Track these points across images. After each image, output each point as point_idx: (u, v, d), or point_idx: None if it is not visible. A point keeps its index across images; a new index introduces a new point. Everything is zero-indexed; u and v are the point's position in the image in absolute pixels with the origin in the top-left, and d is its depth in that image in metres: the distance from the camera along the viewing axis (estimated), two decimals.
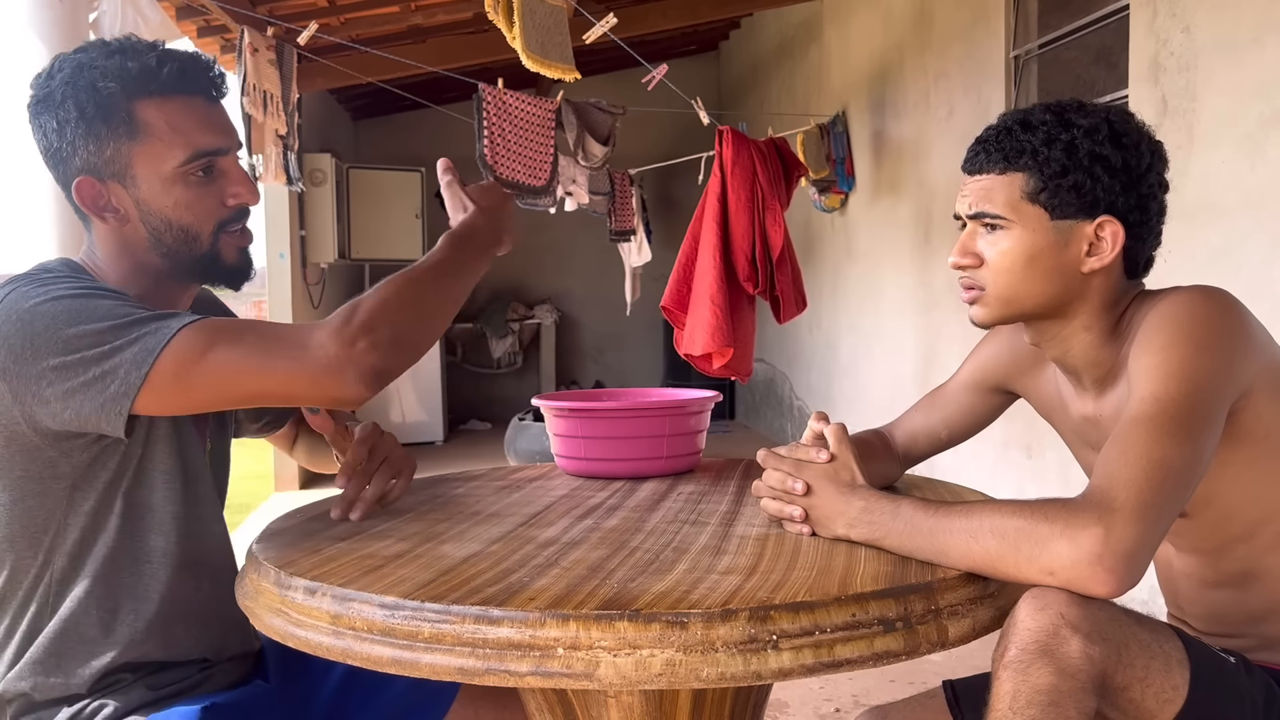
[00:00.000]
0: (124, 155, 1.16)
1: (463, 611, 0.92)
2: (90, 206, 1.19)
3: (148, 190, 1.17)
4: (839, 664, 0.91)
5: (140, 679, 1.22)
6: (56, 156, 1.18)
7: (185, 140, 1.17)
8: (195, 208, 1.19)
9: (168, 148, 1.16)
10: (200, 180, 1.19)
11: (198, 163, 1.18)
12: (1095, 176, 1.18)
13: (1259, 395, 1.15)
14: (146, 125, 1.16)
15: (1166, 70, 2.98)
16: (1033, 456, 3.78)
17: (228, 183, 1.22)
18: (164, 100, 1.17)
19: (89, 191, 1.18)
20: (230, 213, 1.22)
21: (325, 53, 5.29)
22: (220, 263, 1.24)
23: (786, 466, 1.22)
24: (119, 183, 1.17)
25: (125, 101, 1.15)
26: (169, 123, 1.16)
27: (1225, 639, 1.20)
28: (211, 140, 1.19)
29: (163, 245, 1.20)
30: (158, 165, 1.17)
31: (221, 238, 1.22)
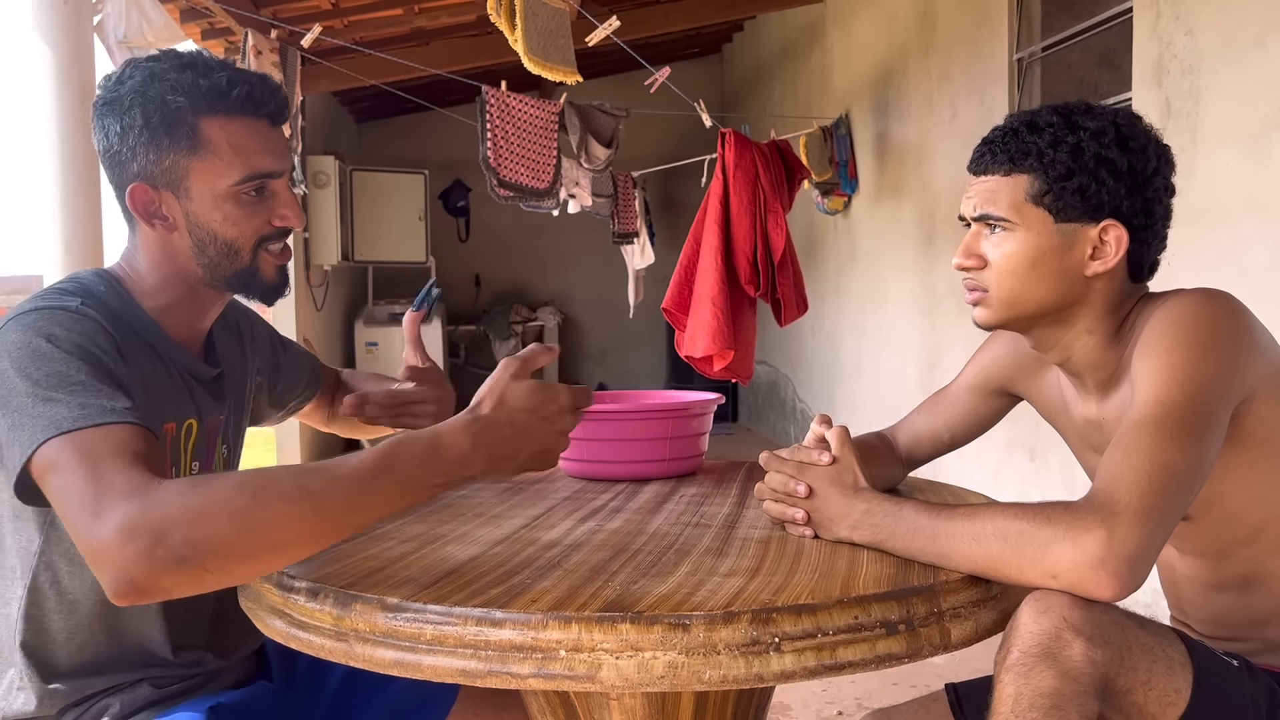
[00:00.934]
0: (182, 167, 1.18)
1: (465, 613, 0.92)
2: (141, 211, 1.21)
3: (199, 203, 1.20)
4: (841, 666, 0.91)
5: (145, 679, 1.23)
6: (115, 159, 1.20)
7: (243, 161, 1.19)
8: (241, 224, 1.21)
9: (226, 166, 1.19)
10: (251, 199, 1.22)
11: (251, 183, 1.21)
12: (1100, 180, 1.18)
13: (1262, 398, 1.15)
14: (208, 142, 1.18)
15: (1170, 73, 2.98)
16: (1036, 459, 3.78)
17: (276, 204, 1.24)
18: (228, 120, 1.19)
19: (142, 197, 1.20)
20: (272, 231, 1.25)
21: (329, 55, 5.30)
22: (258, 278, 1.26)
23: (789, 469, 1.21)
24: (172, 192, 1.20)
25: (191, 116, 1.17)
26: (230, 142, 1.18)
27: (1228, 642, 1.20)
28: (268, 163, 1.21)
29: (205, 256, 1.22)
30: (213, 181, 1.19)
31: (261, 254, 1.25)
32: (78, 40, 3.01)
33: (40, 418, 1.00)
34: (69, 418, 1.00)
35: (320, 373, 1.62)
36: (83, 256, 3.00)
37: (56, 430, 0.99)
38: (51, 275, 3.00)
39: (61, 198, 2.96)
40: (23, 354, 1.06)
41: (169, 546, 0.89)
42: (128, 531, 0.90)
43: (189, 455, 1.28)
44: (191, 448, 1.28)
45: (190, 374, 1.28)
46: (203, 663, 1.28)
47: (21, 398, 1.03)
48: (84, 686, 1.20)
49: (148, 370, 1.20)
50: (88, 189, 3.01)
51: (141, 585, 0.90)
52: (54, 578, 1.19)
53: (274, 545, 0.94)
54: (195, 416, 1.28)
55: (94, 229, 3.05)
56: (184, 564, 0.90)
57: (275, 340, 1.54)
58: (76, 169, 2.97)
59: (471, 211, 9.03)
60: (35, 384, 1.03)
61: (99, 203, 3.06)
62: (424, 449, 0.99)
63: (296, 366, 1.56)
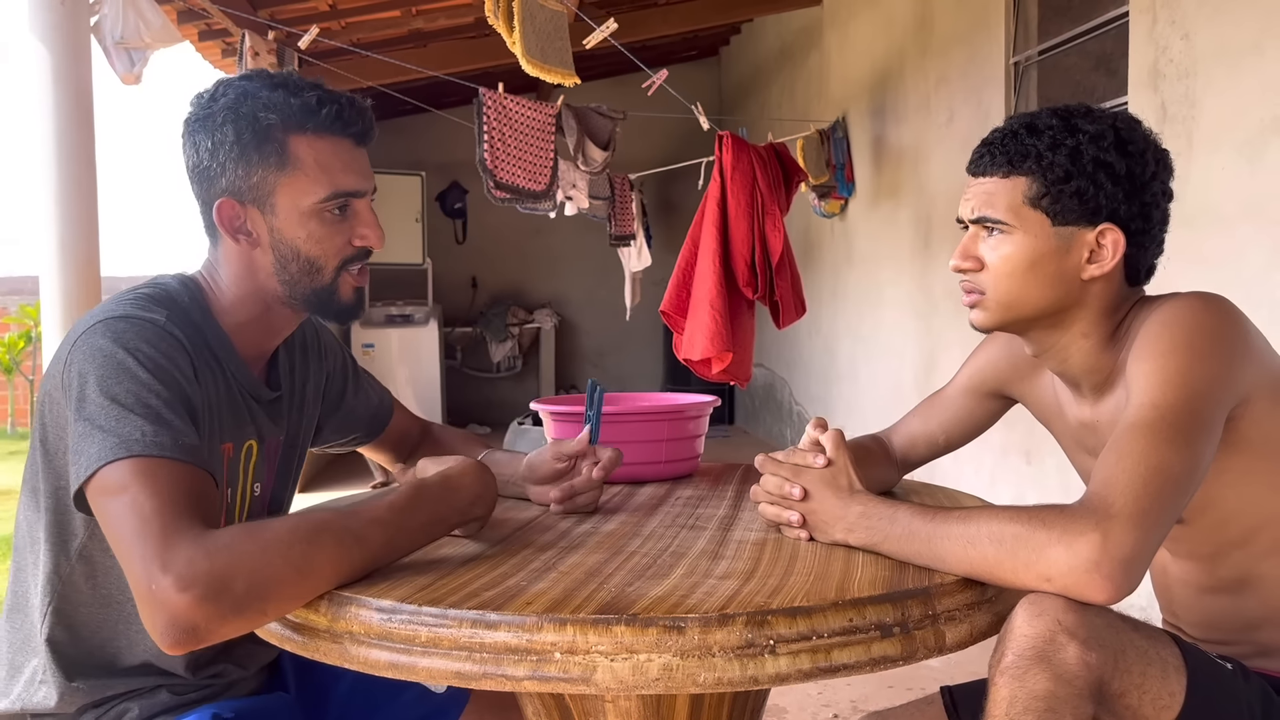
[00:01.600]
0: (269, 184, 1.20)
1: (460, 615, 0.92)
2: (226, 226, 1.23)
3: (284, 220, 1.21)
4: (836, 669, 0.91)
5: (164, 686, 1.24)
6: (205, 174, 1.22)
7: (329, 179, 1.21)
8: (325, 243, 1.23)
9: (312, 183, 1.20)
10: (334, 218, 1.23)
11: (335, 201, 1.22)
12: (1098, 183, 1.18)
13: (1257, 402, 1.15)
14: (296, 159, 1.20)
15: (1166, 77, 2.98)
16: (1032, 463, 3.78)
17: (358, 224, 1.25)
18: (317, 138, 1.20)
19: (228, 212, 1.22)
20: (355, 252, 1.26)
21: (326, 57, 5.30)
22: (336, 298, 1.27)
23: (784, 472, 1.22)
24: (258, 208, 1.22)
25: (281, 134, 1.19)
26: (317, 160, 1.20)
27: (1220, 646, 1.20)
28: (353, 182, 1.23)
29: (286, 273, 1.24)
30: (299, 198, 1.21)
31: (342, 275, 1.26)
32: (74, 41, 3.01)
33: (112, 434, 1.03)
34: (140, 441, 1.03)
35: (382, 425, 1.57)
36: (78, 258, 3.00)
37: (127, 451, 1.02)
38: (47, 276, 3.00)
39: (58, 198, 2.95)
40: (107, 365, 1.08)
41: (232, 595, 0.95)
42: (187, 579, 0.94)
43: (249, 477, 1.29)
44: (252, 469, 1.29)
45: (252, 394, 1.29)
46: (224, 673, 1.30)
47: (96, 409, 1.05)
48: (105, 687, 1.21)
49: (213, 390, 1.21)
50: (84, 190, 3.01)
51: (202, 633, 0.95)
52: (90, 572, 1.20)
53: (327, 582, 1.01)
54: (256, 438, 1.29)
55: (90, 230, 3.04)
56: (244, 611, 0.97)
57: (349, 372, 1.51)
58: (73, 170, 2.96)
59: (469, 213, 9.03)
60: (114, 399, 1.06)
61: (95, 204, 3.06)
62: (439, 489, 1.14)
63: (360, 409, 1.53)
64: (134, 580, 0.98)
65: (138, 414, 1.05)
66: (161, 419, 1.06)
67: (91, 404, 1.06)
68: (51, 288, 2.99)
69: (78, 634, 1.21)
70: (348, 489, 5.02)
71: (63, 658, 1.20)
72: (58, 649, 1.20)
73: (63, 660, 1.20)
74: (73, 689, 1.19)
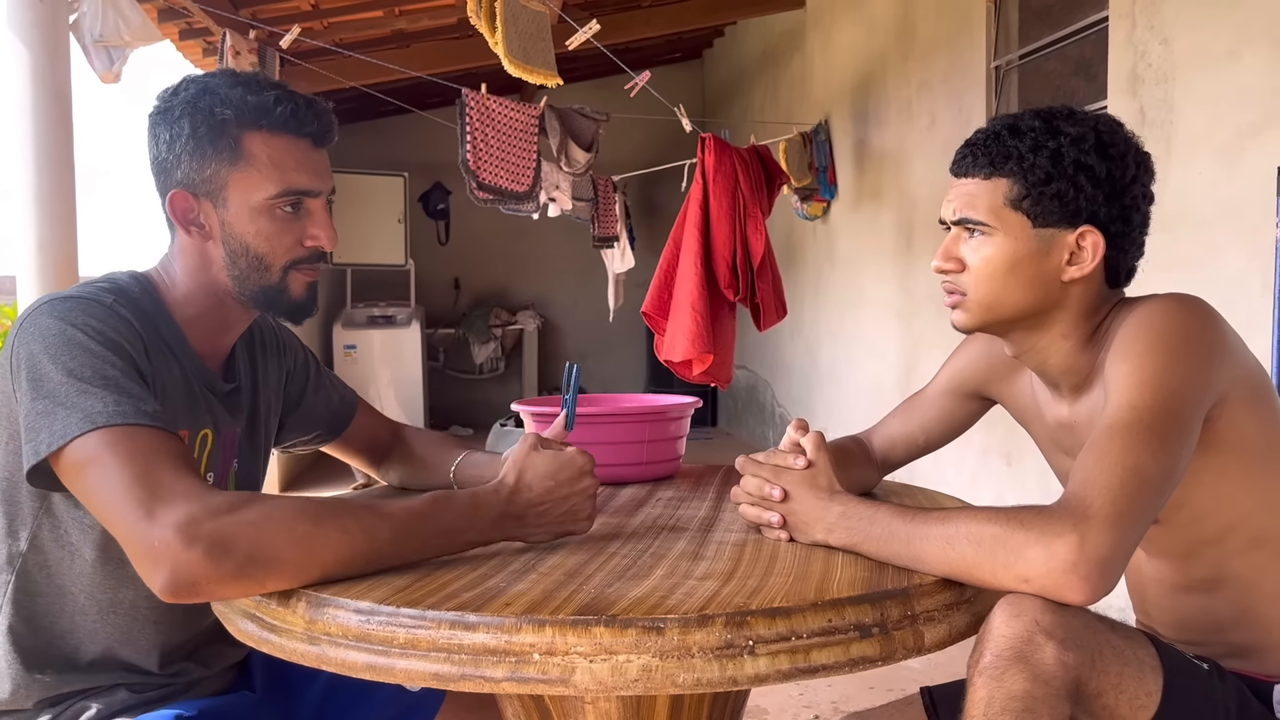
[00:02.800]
0: (221, 177, 1.21)
1: (438, 617, 0.92)
2: (179, 217, 1.24)
3: (235, 214, 1.22)
4: (815, 670, 0.91)
5: (124, 685, 1.22)
6: (162, 166, 1.23)
7: (281, 176, 1.22)
8: (274, 240, 1.24)
9: (263, 179, 1.21)
10: (286, 215, 1.24)
11: (287, 199, 1.23)
12: (1079, 186, 1.19)
13: (1233, 403, 1.16)
14: (249, 155, 1.21)
15: (1145, 82, 3.01)
16: (1013, 465, 3.80)
17: (310, 224, 1.26)
18: (271, 136, 1.21)
19: (181, 204, 1.23)
20: (305, 253, 1.26)
21: (308, 57, 5.28)
22: (286, 296, 1.27)
23: (764, 473, 1.22)
24: (211, 201, 1.23)
25: (235, 129, 1.20)
26: (270, 157, 1.21)
27: (1194, 646, 1.20)
28: (305, 181, 1.23)
29: (236, 268, 1.24)
30: (250, 193, 1.22)
31: (291, 273, 1.26)
32: (53, 39, 2.99)
33: (75, 409, 1.04)
34: (104, 412, 1.04)
35: (344, 424, 1.55)
36: (57, 258, 2.97)
37: (91, 424, 1.03)
38: (25, 277, 2.97)
39: (36, 199, 2.93)
40: (57, 341, 1.08)
41: (234, 557, 0.97)
42: (191, 534, 0.96)
43: (203, 466, 1.28)
44: (206, 458, 1.28)
45: (207, 385, 1.29)
46: (185, 672, 1.28)
47: (55, 385, 1.06)
48: (63, 682, 1.20)
49: (166, 375, 1.21)
50: (62, 190, 2.98)
51: (202, 588, 0.98)
52: (44, 563, 1.19)
53: (326, 568, 1.02)
54: (211, 427, 1.29)
55: (68, 230, 3.02)
56: (245, 576, 0.98)
57: (310, 370, 1.51)
58: (52, 170, 2.94)
59: (451, 214, 9.01)
60: (70, 373, 1.06)
61: (74, 204, 3.03)
62: (465, 506, 1.12)
63: (321, 407, 1.52)
64: (128, 537, 1.00)
65: (97, 385, 1.06)
66: (121, 387, 1.07)
67: (49, 381, 1.06)
68: (29, 288, 2.96)
69: (36, 624, 1.20)
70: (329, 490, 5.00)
71: (21, 649, 1.19)
72: (16, 640, 1.19)
73: (22, 652, 1.19)
74: (31, 680, 1.19)
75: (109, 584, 1.20)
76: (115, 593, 1.21)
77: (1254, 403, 1.18)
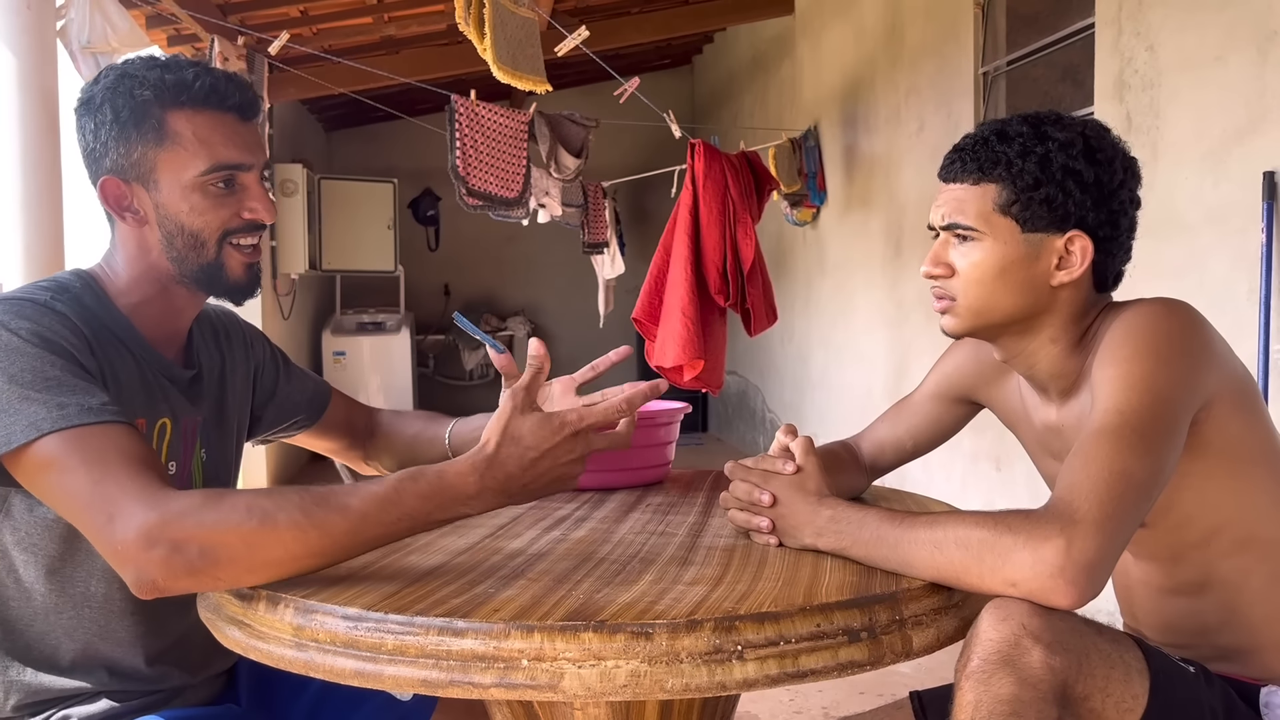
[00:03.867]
0: (149, 160, 1.21)
1: (427, 623, 0.92)
2: (113, 205, 1.23)
3: (167, 195, 1.22)
4: (804, 674, 0.91)
5: (105, 693, 1.21)
6: (91, 156, 1.23)
7: (209, 152, 1.21)
8: (208, 215, 1.23)
9: (191, 157, 1.21)
10: (219, 191, 1.23)
11: (218, 174, 1.22)
12: (1067, 191, 1.19)
13: (1220, 407, 1.16)
14: (174, 134, 1.20)
15: (1131, 88, 3.02)
16: (1002, 469, 3.81)
17: (246, 198, 1.25)
18: (194, 113, 1.21)
19: (113, 190, 1.23)
20: (240, 224, 1.25)
21: (297, 63, 5.27)
22: (224, 275, 1.26)
23: (753, 478, 1.22)
24: (142, 185, 1.22)
25: (158, 110, 1.20)
26: (195, 134, 1.21)
27: (1181, 649, 1.21)
28: (233, 155, 1.23)
29: (174, 249, 1.24)
30: (179, 172, 1.21)
31: (226, 249, 1.25)
32: (40, 46, 2.98)
33: (19, 415, 1.04)
34: (49, 418, 1.03)
35: (323, 407, 1.55)
36: (44, 262, 2.96)
37: (37, 432, 1.03)
38: (11, 281, 2.96)
39: (23, 203, 2.91)
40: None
41: (186, 557, 0.98)
42: (147, 539, 0.98)
43: (163, 455, 1.26)
44: (166, 447, 1.27)
45: (164, 374, 1.27)
46: (169, 677, 1.27)
47: None
48: (45, 684, 1.19)
49: (119, 366, 1.20)
50: (49, 195, 2.97)
51: (162, 586, 1.00)
52: (9, 566, 1.19)
53: (280, 563, 1.01)
54: (169, 416, 1.27)
55: (55, 235, 3.00)
56: (198, 573, 1.00)
57: (279, 362, 1.51)
58: (38, 175, 2.93)
59: (441, 220, 9.01)
60: (10, 379, 1.06)
61: (60, 209, 3.02)
62: (430, 486, 1.04)
63: (296, 394, 1.52)
64: (95, 541, 1.02)
65: (38, 389, 1.05)
66: (64, 386, 1.06)
67: None
68: None
69: (12, 627, 1.20)
70: None
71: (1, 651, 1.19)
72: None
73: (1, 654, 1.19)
74: (10, 682, 1.19)
75: (78, 578, 1.20)
76: (86, 586, 1.20)
77: (1240, 406, 1.19)
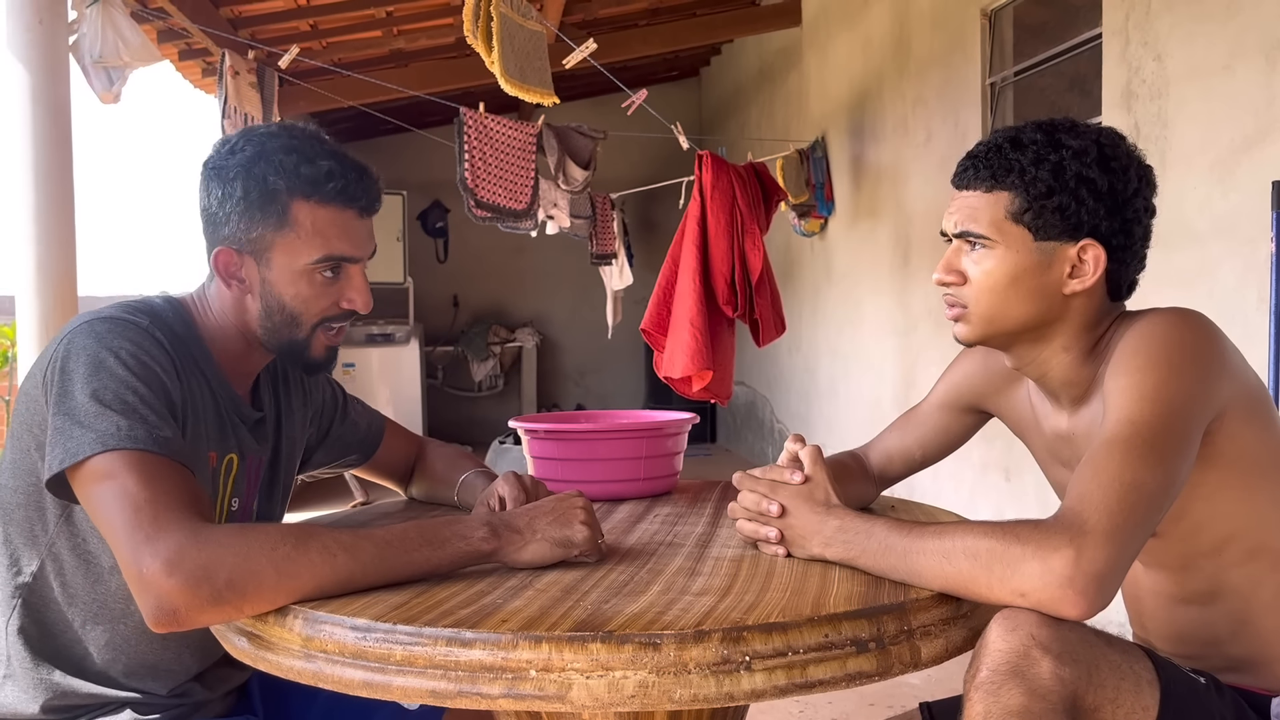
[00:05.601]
0: (267, 240, 1.25)
1: (435, 634, 0.92)
2: (222, 272, 1.29)
3: (277, 275, 1.26)
4: (812, 685, 0.91)
5: (129, 705, 1.24)
6: (212, 219, 1.28)
7: (323, 243, 1.25)
8: (310, 302, 1.27)
9: (305, 246, 1.25)
10: (324, 280, 1.28)
11: (326, 264, 1.26)
12: (1080, 199, 1.19)
13: (1233, 418, 1.16)
14: (295, 222, 1.25)
15: (1139, 97, 3.02)
16: (1011, 479, 3.80)
17: (348, 288, 1.29)
18: (318, 206, 1.25)
19: (225, 260, 1.28)
20: (339, 313, 1.30)
21: (307, 76, 5.30)
22: (307, 353, 1.31)
23: (762, 488, 1.22)
24: (254, 259, 1.27)
25: (286, 198, 1.24)
26: (315, 225, 1.25)
27: (1191, 660, 1.20)
28: (346, 249, 1.27)
29: (270, 321, 1.29)
30: (293, 258, 1.25)
31: (317, 333, 1.30)
32: (53, 60, 3.00)
33: (91, 429, 1.08)
34: (116, 435, 1.08)
35: (374, 446, 1.60)
36: (55, 278, 2.97)
37: (103, 446, 1.07)
38: (24, 296, 2.97)
39: (35, 219, 2.93)
40: (88, 363, 1.13)
41: (213, 584, 1.00)
42: (174, 564, 1.00)
43: (229, 490, 1.31)
44: (231, 483, 1.31)
45: (235, 412, 1.32)
46: (190, 693, 1.30)
47: (76, 404, 1.10)
48: (71, 691, 1.21)
49: (198, 397, 1.25)
50: (61, 211, 2.99)
51: (182, 617, 1.02)
52: (60, 569, 1.22)
53: (305, 588, 1.03)
54: (237, 452, 1.32)
55: (67, 250, 3.02)
56: (222, 602, 1.01)
57: (339, 402, 1.55)
58: (50, 190, 2.94)
59: (450, 232, 9.03)
60: (93, 395, 1.11)
61: (72, 225, 3.04)
62: (451, 532, 1.12)
63: (349, 435, 1.57)
64: (123, 563, 1.04)
65: (115, 409, 1.10)
66: (138, 413, 1.11)
67: (71, 399, 1.11)
68: (28, 308, 2.97)
69: (47, 629, 1.23)
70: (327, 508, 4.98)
71: (32, 650, 1.21)
72: (28, 641, 1.21)
73: (32, 653, 1.21)
74: (38, 680, 1.21)
75: (121, 595, 1.22)
76: (126, 604, 1.22)
77: (1253, 416, 1.18)
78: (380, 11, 5.17)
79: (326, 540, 1.06)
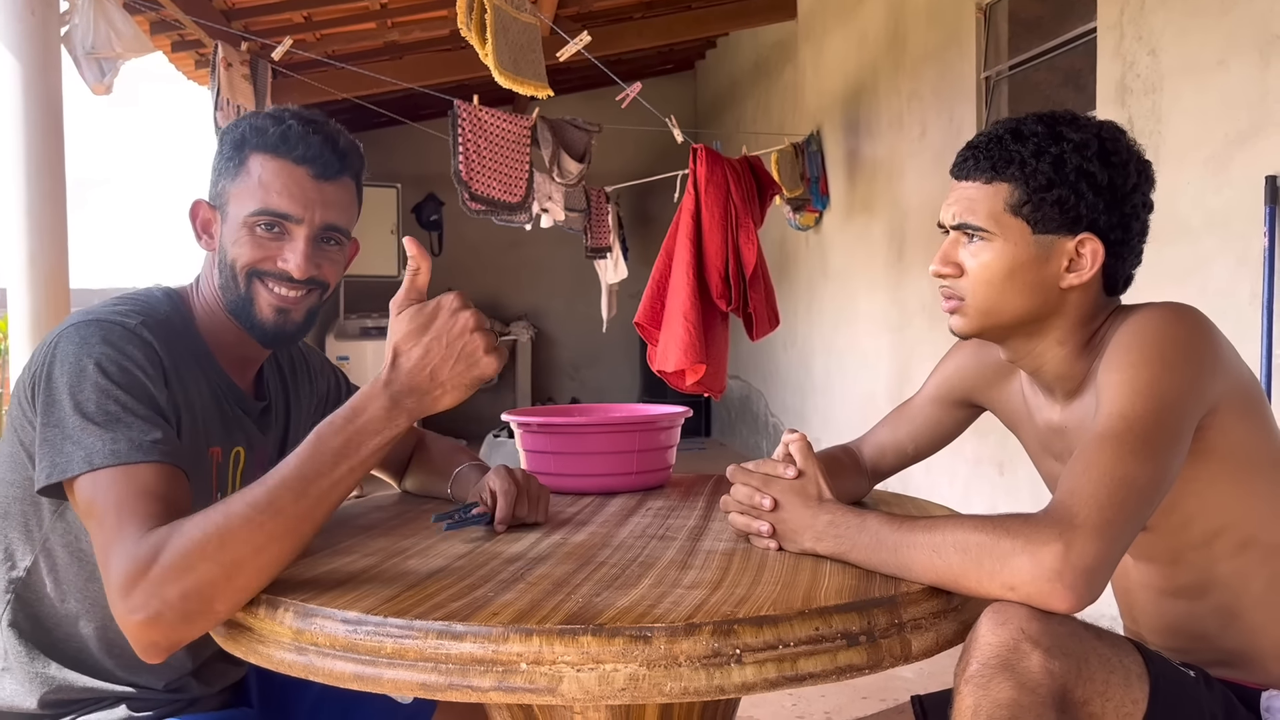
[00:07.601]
0: (226, 191, 1.28)
1: (425, 627, 0.92)
2: (197, 225, 1.31)
3: (228, 226, 1.27)
4: (802, 678, 0.91)
5: (125, 700, 1.24)
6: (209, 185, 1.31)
7: (264, 196, 1.25)
8: (242, 250, 1.26)
9: (249, 196, 1.25)
10: (263, 234, 1.26)
11: (264, 217, 1.25)
12: (1080, 193, 1.18)
13: (1225, 413, 1.16)
14: (248, 172, 1.26)
15: (1133, 92, 3.02)
16: (1005, 474, 3.80)
17: (286, 249, 1.26)
18: (268, 158, 1.25)
19: (198, 212, 1.31)
20: (268, 267, 1.26)
21: (301, 68, 5.29)
22: (252, 311, 1.27)
23: (754, 481, 1.22)
24: (219, 213, 1.29)
25: (248, 151, 1.26)
26: (262, 178, 1.25)
27: (1181, 654, 1.21)
28: (286, 206, 1.25)
29: (221, 276, 1.28)
30: (239, 208, 1.26)
31: (255, 285, 1.27)
32: (45, 51, 2.99)
33: (78, 444, 1.07)
34: (101, 452, 1.06)
35: None
36: (47, 271, 2.97)
37: (89, 465, 1.06)
38: (16, 289, 2.97)
39: (27, 211, 2.93)
40: (72, 371, 1.11)
41: (170, 605, 0.98)
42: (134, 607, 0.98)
43: (238, 483, 1.30)
44: (240, 476, 1.31)
45: (238, 404, 1.32)
46: (187, 688, 1.30)
47: (62, 417, 1.09)
48: (68, 684, 1.21)
49: (195, 394, 1.24)
50: (54, 203, 2.98)
51: (165, 644, 1.00)
52: (53, 565, 1.22)
53: (260, 568, 1.00)
54: (244, 445, 1.32)
55: (59, 243, 3.01)
56: (193, 619, 0.99)
57: (343, 392, 1.54)
58: (42, 180, 2.94)
59: (445, 225, 9.02)
60: (76, 407, 1.09)
61: (64, 216, 3.03)
62: (344, 417, 1.05)
63: None
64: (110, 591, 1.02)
65: (97, 423, 1.08)
66: (121, 423, 1.09)
67: (56, 410, 1.10)
68: (20, 301, 2.96)
69: (41, 624, 1.23)
70: None
71: (26, 644, 1.22)
72: (22, 635, 1.22)
73: (26, 647, 1.21)
74: (34, 674, 1.21)
75: (100, 604, 1.21)
76: (103, 613, 1.21)
77: (1245, 411, 1.19)
78: (374, 3, 5.16)
79: (241, 509, 0.99)
